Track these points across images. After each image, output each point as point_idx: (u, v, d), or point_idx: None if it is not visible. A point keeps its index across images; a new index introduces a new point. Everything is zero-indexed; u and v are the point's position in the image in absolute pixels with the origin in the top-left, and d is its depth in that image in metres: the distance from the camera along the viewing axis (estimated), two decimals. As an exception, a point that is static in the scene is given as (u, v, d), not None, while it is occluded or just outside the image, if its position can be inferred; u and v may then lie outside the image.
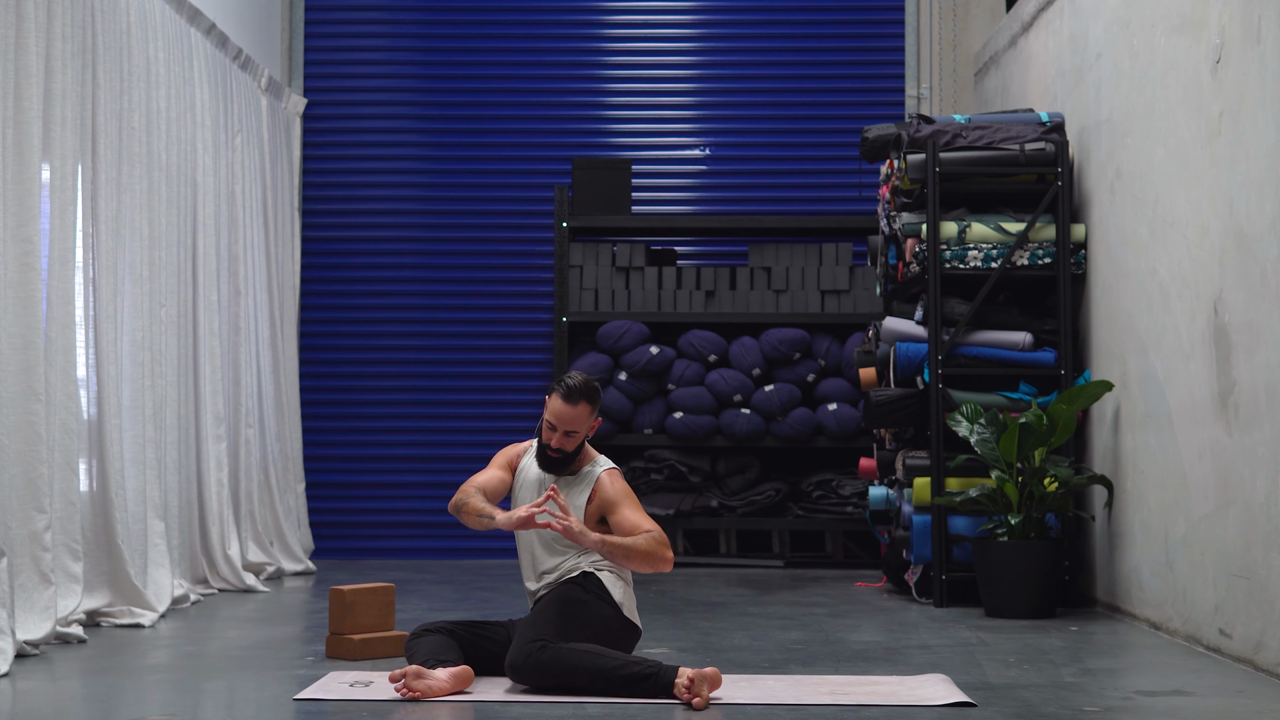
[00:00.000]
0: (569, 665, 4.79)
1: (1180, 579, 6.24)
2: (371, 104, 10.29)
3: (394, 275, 10.19)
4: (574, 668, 4.78)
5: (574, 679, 4.78)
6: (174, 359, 7.47)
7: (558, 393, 5.12)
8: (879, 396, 7.81)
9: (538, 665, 4.81)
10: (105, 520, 6.59)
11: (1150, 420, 6.62)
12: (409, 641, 5.08)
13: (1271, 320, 5.36)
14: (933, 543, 7.39)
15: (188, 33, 7.89)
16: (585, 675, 4.77)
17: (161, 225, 7.36)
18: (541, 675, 4.81)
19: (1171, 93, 6.39)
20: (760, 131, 10.25)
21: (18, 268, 5.86)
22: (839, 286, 9.53)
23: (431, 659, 4.91)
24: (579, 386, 5.11)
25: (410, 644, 5.06)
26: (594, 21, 10.37)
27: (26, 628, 5.66)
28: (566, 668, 4.78)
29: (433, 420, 10.10)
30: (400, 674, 4.80)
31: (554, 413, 5.10)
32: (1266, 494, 5.37)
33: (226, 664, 5.62)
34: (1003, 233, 7.56)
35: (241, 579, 7.96)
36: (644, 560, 4.98)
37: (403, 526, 10.01)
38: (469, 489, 5.15)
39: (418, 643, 5.03)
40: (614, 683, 4.75)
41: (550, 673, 4.80)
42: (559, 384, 5.13)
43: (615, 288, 9.59)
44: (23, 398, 5.82)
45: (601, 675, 4.76)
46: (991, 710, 4.65)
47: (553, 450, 5.15)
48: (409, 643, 5.07)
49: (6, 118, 5.83)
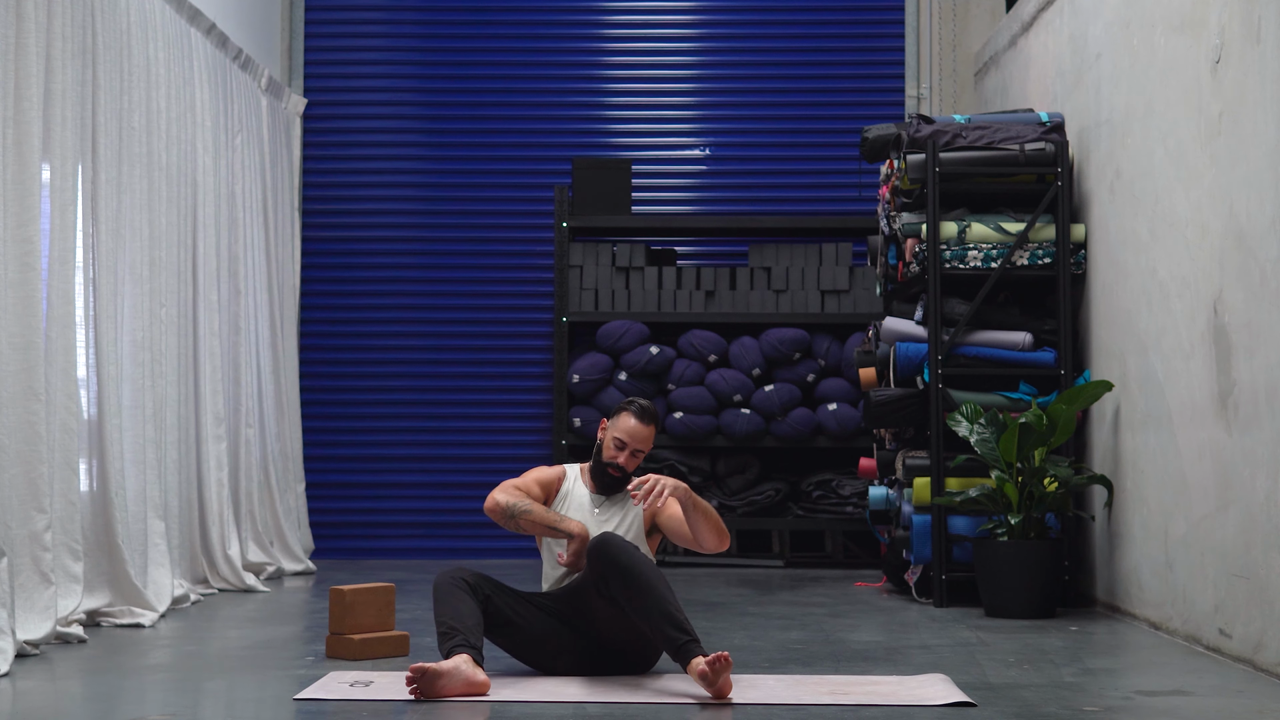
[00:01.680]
0: (648, 573, 4.84)
1: (1180, 579, 6.24)
2: (371, 104, 10.29)
3: (394, 275, 10.20)
4: (650, 577, 4.83)
5: (641, 585, 4.82)
6: (174, 359, 7.48)
7: (629, 412, 5.27)
8: (879, 396, 7.81)
9: (626, 551, 4.86)
10: (105, 520, 6.60)
11: (1150, 420, 6.62)
12: (440, 596, 4.97)
13: (1271, 320, 5.36)
14: (933, 543, 7.39)
15: (188, 33, 7.89)
16: (652, 590, 4.81)
17: (161, 225, 7.36)
18: (624, 561, 4.84)
19: (1171, 93, 6.39)
20: (760, 131, 10.25)
21: (18, 268, 5.86)
22: (839, 286, 9.53)
23: (461, 647, 4.84)
24: (650, 408, 5.31)
25: (442, 608, 4.95)
26: (594, 21, 10.37)
27: (26, 628, 5.66)
28: (645, 572, 4.83)
29: (433, 420, 10.10)
30: (417, 673, 4.73)
31: (626, 430, 5.26)
32: (1266, 494, 5.37)
33: (226, 664, 5.62)
34: (1003, 233, 7.56)
35: (241, 579, 7.96)
36: (715, 526, 5.11)
37: (403, 526, 10.01)
38: (517, 493, 5.19)
39: (449, 611, 4.93)
40: (663, 614, 4.79)
41: (631, 566, 4.84)
42: (630, 404, 5.29)
43: (615, 288, 9.59)
44: (23, 398, 5.82)
45: (661, 600, 4.80)
46: (991, 710, 4.65)
47: (615, 469, 5.27)
48: (440, 600, 4.96)
49: (6, 118, 5.83)
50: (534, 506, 5.19)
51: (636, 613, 4.87)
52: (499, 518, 5.20)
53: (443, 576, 5.05)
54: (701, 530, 5.13)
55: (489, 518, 5.26)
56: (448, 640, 4.89)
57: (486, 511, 5.24)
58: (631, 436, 5.27)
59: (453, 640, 4.88)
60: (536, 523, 5.17)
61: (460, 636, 4.87)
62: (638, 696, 4.80)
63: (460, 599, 4.98)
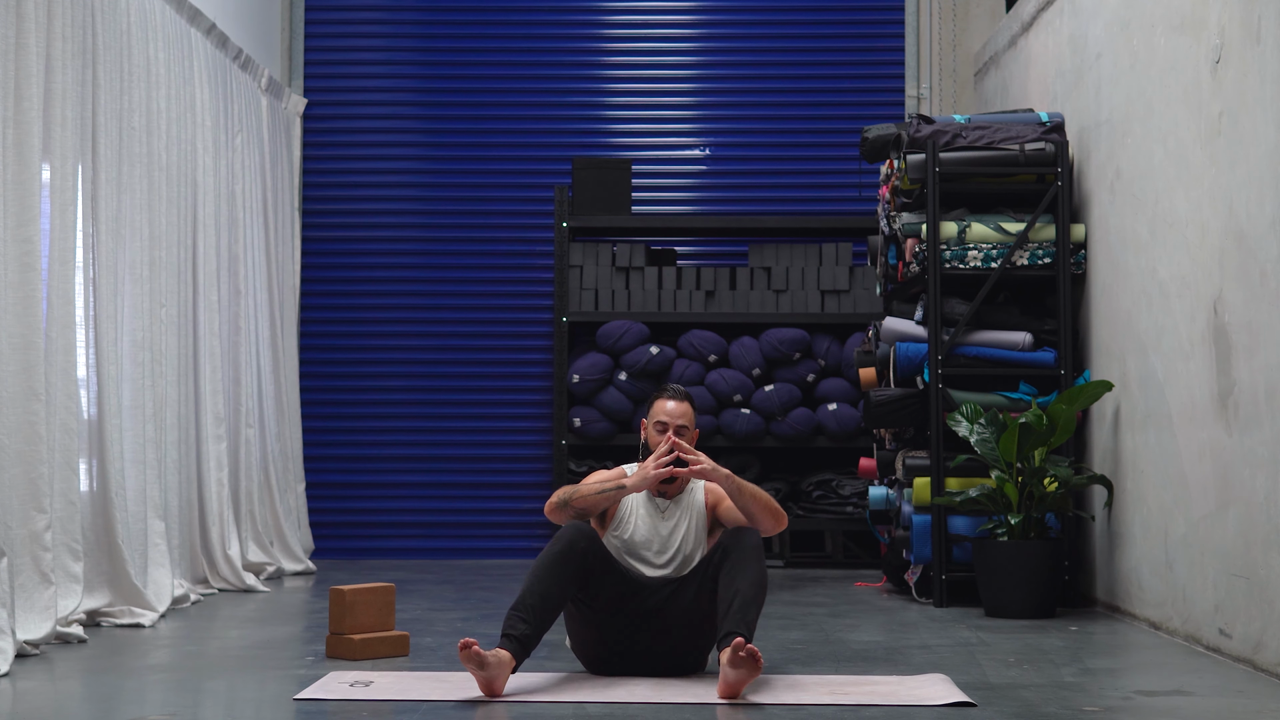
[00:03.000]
0: (758, 567, 4.99)
1: (1180, 579, 6.24)
2: (371, 104, 10.29)
3: (394, 275, 10.20)
4: (757, 569, 4.99)
5: (747, 564, 4.98)
6: (174, 359, 7.48)
7: (661, 397, 5.37)
8: (879, 396, 7.81)
9: (758, 545, 5.06)
10: (105, 520, 6.60)
11: (1150, 420, 6.62)
12: (541, 562, 4.97)
13: (1271, 320, 5.36)
14: (933, 543, 7.39)
15: (188, 33, 7.89)
16: (750, 572, 4.97)
17: (161, 225, 7.36)
18: (752, 541, 5.05)
19: (1171, 93, 6.39)
20: (760, 131, 10.25)
21: (18, 268, 5.86)
22: (839, 286, 9.53)
23: (509, 640, 4.84)
24: (679, 388, 5.41)
25: (532, 578, 4.94)
26: (594, 21, 10.37)
27: (26, 628, 5.66)
28: (756, 564, 4.99)
29: (433, 420, 10.10)
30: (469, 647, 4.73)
31: (663, 412, 5.33)
32: (1266, 494, 5.37)
33: (226, 664, 5.62)
34: (1003, 233, 7.56)
35: (241, 579, 7.96)
36: (768, 508, 5.16)
37: (403, 526, 10.01)
38: (569, 487, 5.23)
39: (534, 587, 4.93)
40: (743, 598, 4.92)
41: (755, 547, 5.05)
42: (660, 391, 5.40)
43: (615, 288, 9.59)
44: (23, 398, 5.82)
45: (751, 585, 4.95)
46: (991, 710, 4.65)
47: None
48: (537, 567, 4.96)
49: (6, 118, 5.83)
50: (579, 487, 5.22)
51: (725, 580, 4.94)
52: (557, 515, 5.20)
53: (561, 538, 5.02)
54: (755, 513, 5.17)
55: (548, 518, 5.26)
56: (509, 622, 4.90)
57: (548, 516, 5.26)
58: (670, 415, 5.33)
59: (510, 626, 4.88)
60: (589, 498, 5.17)
61: (519, 626, 4.87)
62: (637, 696, 4.80)
63: (553, 577, 4.95)
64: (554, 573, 4.98)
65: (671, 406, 5.35)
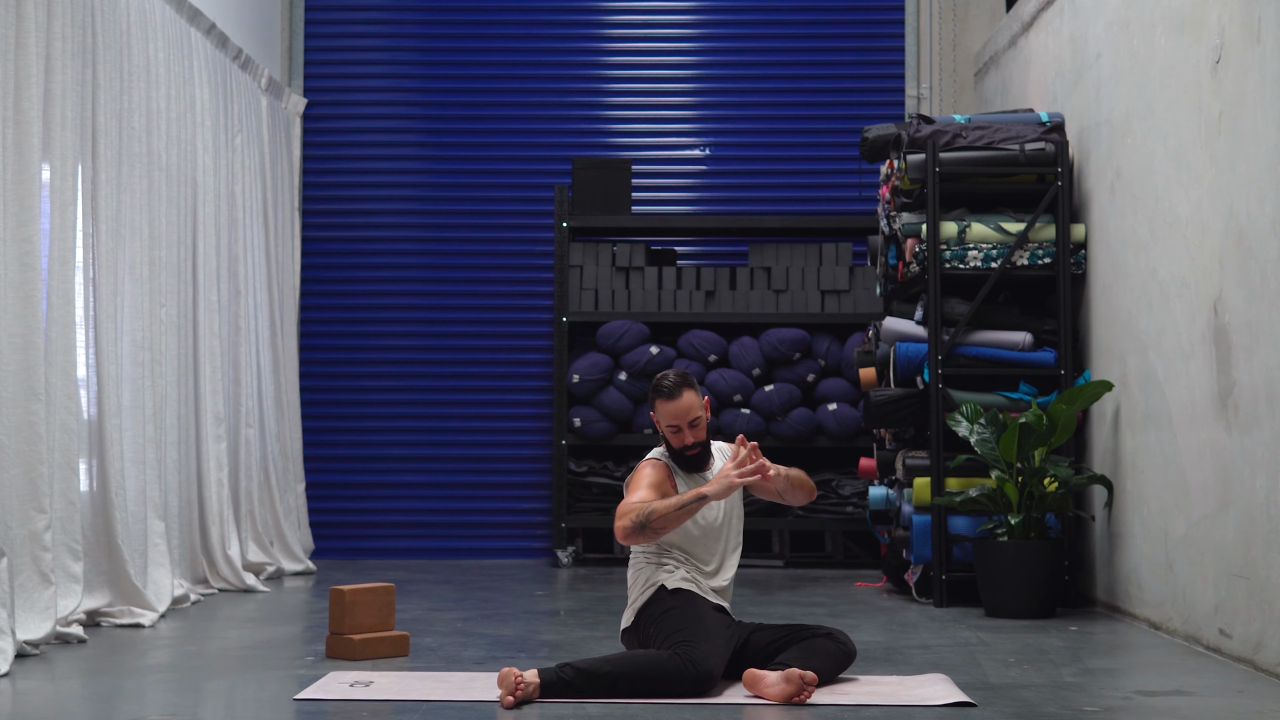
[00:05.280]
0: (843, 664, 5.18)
1: (1180, 579, 6.24)
2: (371, 104, 10.29)
3: (394, 275, 10.19)
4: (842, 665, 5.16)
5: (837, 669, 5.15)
6: (174, 359, 7.47)
7: (659, 398, 5.20)
8: (879, 396, 7.81)
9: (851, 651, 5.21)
10: (105, 520, 6.60)
11: (1150, 420, 6.62)
12: (638, 657, 4.91)
13: (1271, 320, 5.36)
14: (933, 543, 7.39)
15: (188, 33, 7.89)
16: (838, 670, 5.13)
17: (161, 225, 7.36)
18: (850, 655, 5.20)
19: (1171, 93, 6.39)
20: (760, 131, 10.25)
21: (18, 268, 5.86)
22: (839, 286, 9.53)
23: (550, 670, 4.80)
24: (673, 381, 5.22)
25: (624, 661, 4.88)
26: (594, 21, 10.37)
27: (26, 628, 5.66)
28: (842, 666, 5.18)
29: (433, 420, 10.10)
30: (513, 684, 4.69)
31: (668, 414, 5.20)
32: (1266, 494, 5.37)
33: (226, 664, 5.62)
34: (1003, 233, 7.56)
35: (241, 579, 7.96)
36: (806, 488, 5.40)
37: (403, 526, 10.01)
38: (639, 505, 5.04)
39: (618, 669, 4.84)
40: (831, 673, 5.09)
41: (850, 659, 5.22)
42: (655, 390, 5.23)
43: (615, 288, 9.59)
44: (23, 398, 5.82)
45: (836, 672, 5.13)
46: (991, 710, 4.65)
47: (691, 449, 5.23)
48: (635, 659, 4.90)
49: (6, 118, 5.83)
50: (655, 504, 5.02)
51: (825, 643, 5.10)
52: (635, 538, 5.03)
53: (678, 674, 4.82)
54: (794, 497, 5.36)
55: (621, 542, 5.10)
56: (562, 666, 4.81)
57: (622, 542, 5.08)
58: (676, 416, 5.20)
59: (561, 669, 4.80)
60: (668, 515, 5.00)
61: (567, 672, 4.78)
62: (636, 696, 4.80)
63: (631, 677, 4.82)
64: (635, 676, 4.83)
65: (671, 408, 5.20)
